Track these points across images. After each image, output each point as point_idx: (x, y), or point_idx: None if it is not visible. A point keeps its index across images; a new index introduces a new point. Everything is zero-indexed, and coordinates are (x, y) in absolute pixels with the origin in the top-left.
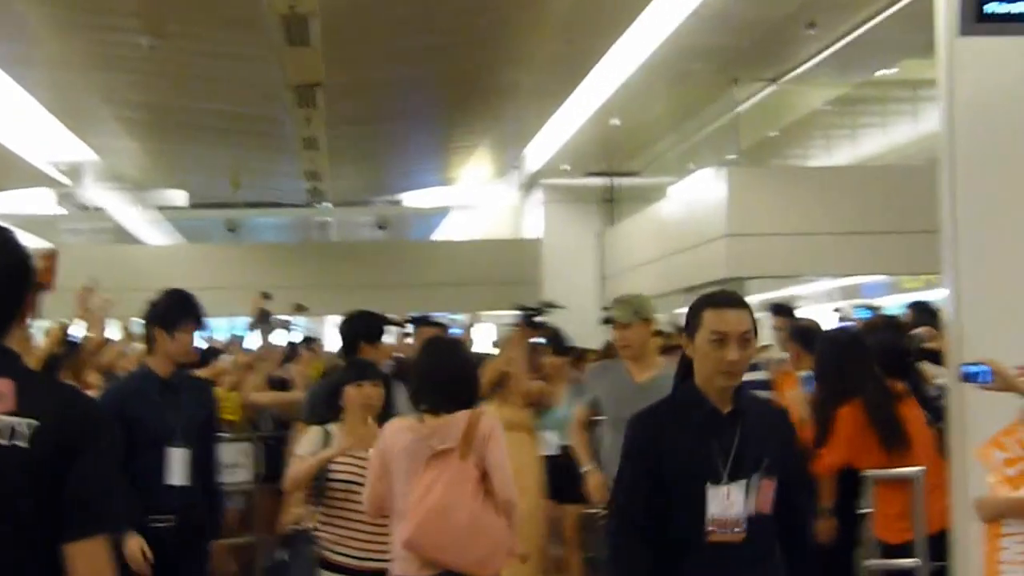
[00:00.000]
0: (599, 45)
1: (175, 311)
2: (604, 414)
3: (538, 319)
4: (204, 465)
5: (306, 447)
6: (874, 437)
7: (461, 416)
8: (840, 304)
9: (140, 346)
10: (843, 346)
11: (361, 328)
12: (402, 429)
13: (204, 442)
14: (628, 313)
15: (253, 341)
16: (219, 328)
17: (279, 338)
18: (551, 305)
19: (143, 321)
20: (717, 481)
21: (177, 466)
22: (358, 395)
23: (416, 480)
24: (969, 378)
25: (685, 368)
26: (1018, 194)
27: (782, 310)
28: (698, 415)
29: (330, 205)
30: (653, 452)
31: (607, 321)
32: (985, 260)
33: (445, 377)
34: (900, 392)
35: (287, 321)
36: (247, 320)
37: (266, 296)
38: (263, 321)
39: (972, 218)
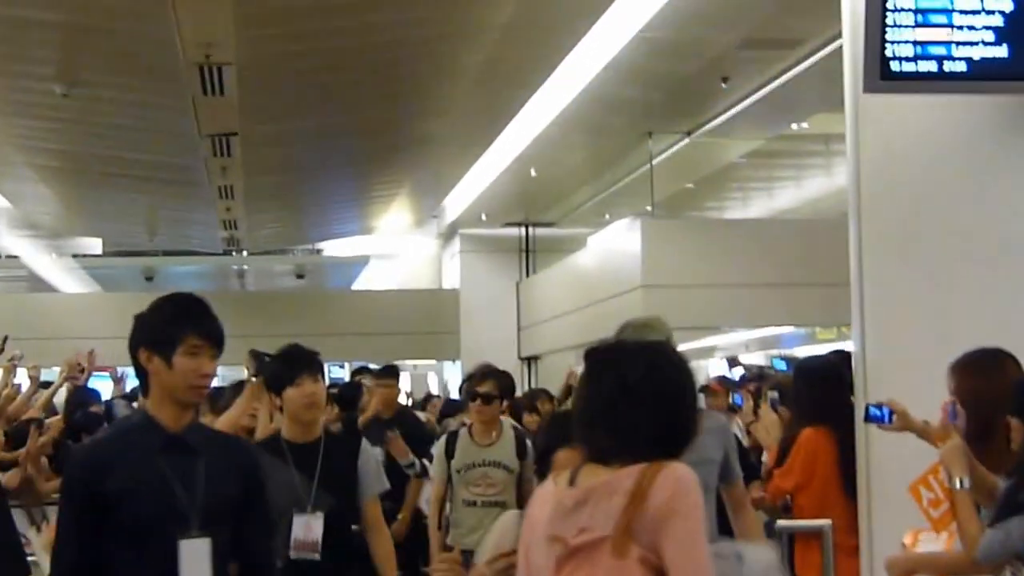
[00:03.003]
0: (516, 96)
1: (174, 324)
2: None
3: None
4: (244, 556)
5: None
6: (836, 471)
7: (626, 475)
8: (730, 351)
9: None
10: (820, 373)
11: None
12: (546, 498)
13: (240, 524)
14: None
15: None
16: (133, 377)
17: None
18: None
19: (131, 348)
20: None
21: (193, 568)
22: (298, 395)
23: None
24: (871, 419)
25: None
26: (921, 247)
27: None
28: None
29: (247, 254)
30: None
31: None
32: (889, 310)
33: (603, 406)
34: None
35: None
36: None
37: None
38: None
39: (877, 270)
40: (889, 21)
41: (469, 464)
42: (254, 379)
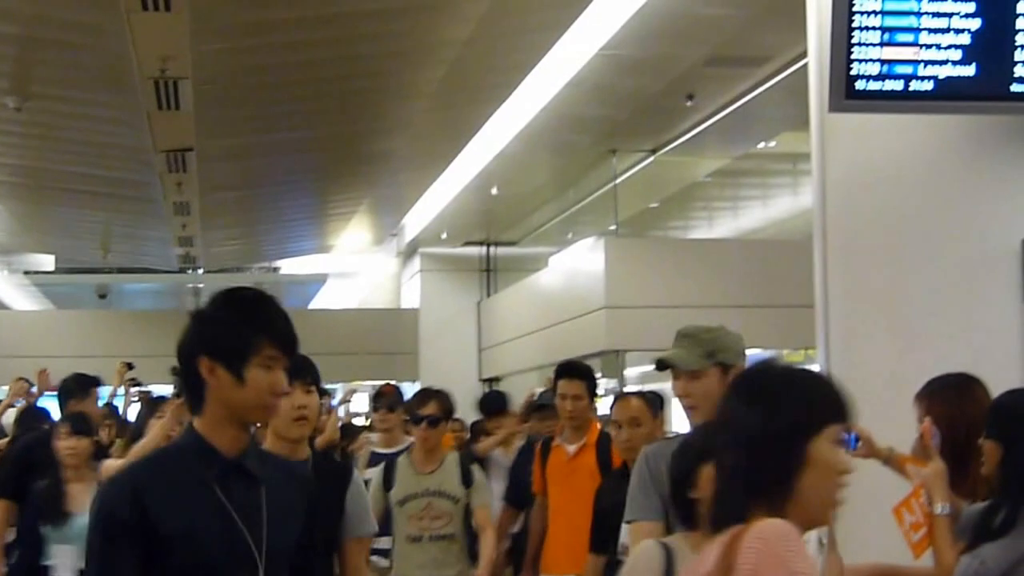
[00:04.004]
0: (478, 113)
1: (247, 330)
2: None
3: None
4: None
5: None
6: None
7: (715, 548)
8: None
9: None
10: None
11: None
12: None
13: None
14: (695, 355)
15: (130, 411)
16: None
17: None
18: None
19: (179, 358)
20: None
21: None
22: (286, 407)
23: None
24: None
25: None
26: (885, 269)
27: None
28: None
29: (203, 271)
30: None
31: (662, 366)
32: (854, 332)
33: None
34: None
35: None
36: (114, 389)
37: (129, 366)
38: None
39: (842, 292)
40: (855, 39)
41: (410, 495)
42: (176, 398)
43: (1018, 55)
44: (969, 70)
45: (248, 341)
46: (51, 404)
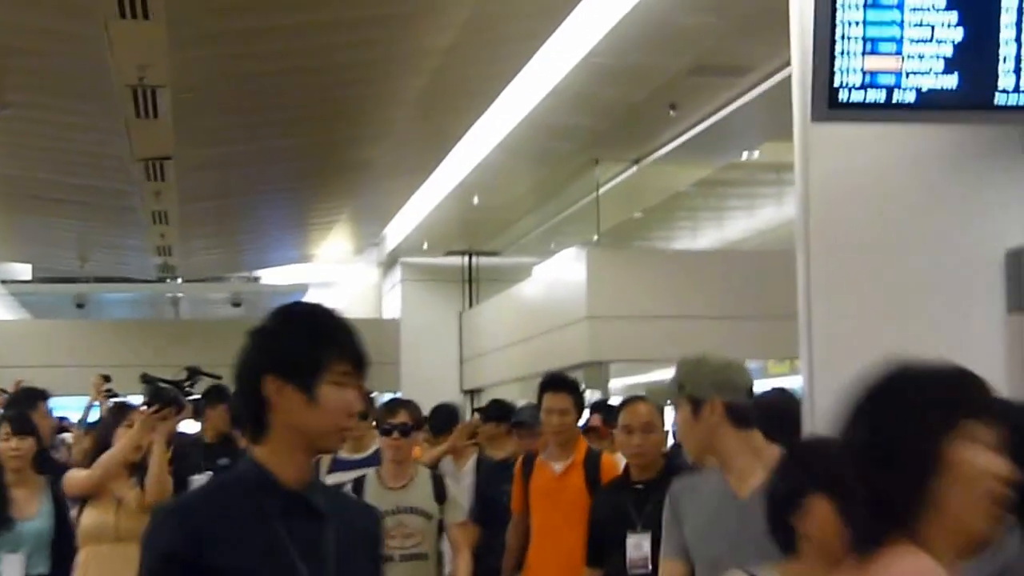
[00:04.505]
0: (459, 122)
1: (318, 345)
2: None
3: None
4: None
5: None
6: None
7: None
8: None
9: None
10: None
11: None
12: None
13: None
14: (669, 387)
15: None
16: (65, 407)
17: None
18: (198, 372)
19: (239, 378)
20: None
21: None
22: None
23: None
24: None
25: None
26: (869, 279)
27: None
28: None
29: (182, 281)
30: None
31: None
32: (838, 343)
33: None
34: None
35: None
36: (91, 402)
37: (106, 379)
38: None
39: (825, 302)
40: (838, 49)
41: (382, 513)
42: (145, 407)
43: (1001, 66)
44: (952, 80)
45: (320, 356)
46: None
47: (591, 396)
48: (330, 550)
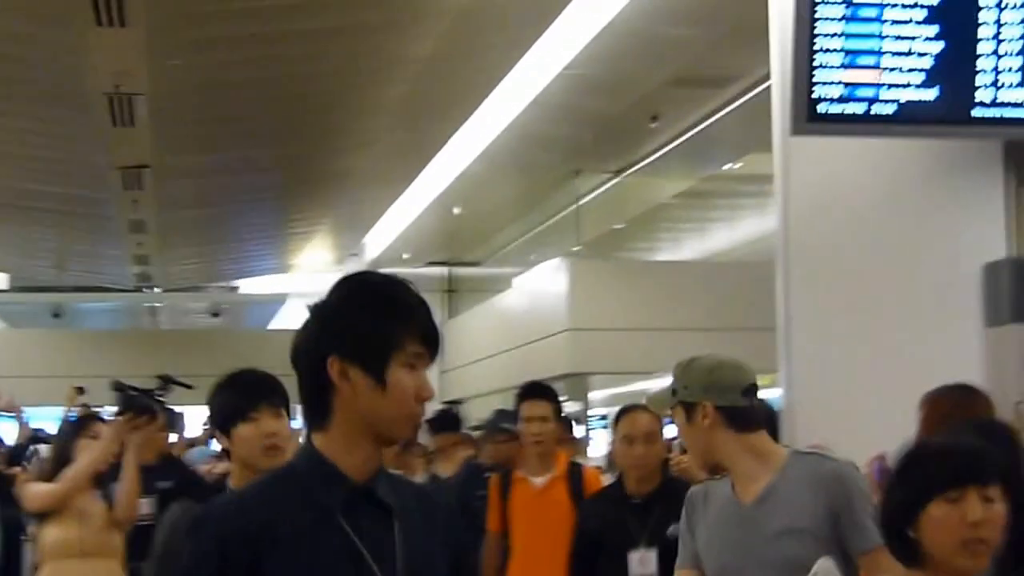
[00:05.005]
0: (439, 132)
1: (388, 324)
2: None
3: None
4: None
5: None
6: None
7: None
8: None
9: None
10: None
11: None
12: None
13: None
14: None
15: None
16: (41, 417)
17: None
18: (171, 381)
19: (298, 361)
20: None
21: None
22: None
23: None
24: None
25: None
26: (847, 292)
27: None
28: None
29: (160, 290)
30: None
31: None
32: (817, 355)
33: None
34: None
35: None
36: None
37: (80, 391)
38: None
39: (804, 314)
40: (816, 62)
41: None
42: (119, 416)
43: (979, 79)
44: (931, 94)
45: (389, 335)
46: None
47: (571, 408)
48: (401, 549)
